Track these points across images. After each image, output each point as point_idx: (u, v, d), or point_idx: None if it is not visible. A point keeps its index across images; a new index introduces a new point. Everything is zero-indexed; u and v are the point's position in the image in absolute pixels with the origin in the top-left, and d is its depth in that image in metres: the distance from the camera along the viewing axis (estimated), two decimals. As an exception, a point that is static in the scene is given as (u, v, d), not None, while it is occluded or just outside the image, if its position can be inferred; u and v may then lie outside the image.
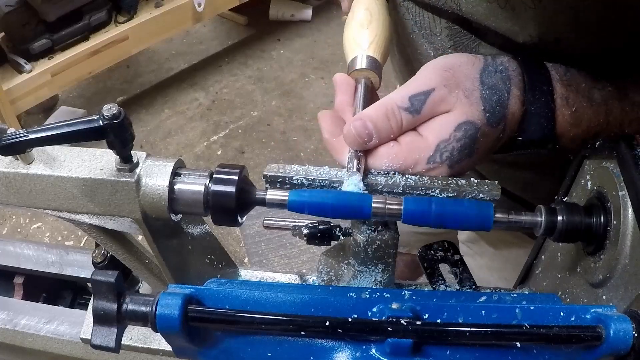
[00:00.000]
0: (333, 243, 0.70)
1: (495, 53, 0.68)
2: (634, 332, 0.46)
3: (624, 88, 0.63)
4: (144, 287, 0.86)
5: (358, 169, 0.58)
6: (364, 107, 0.63)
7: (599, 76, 0.63)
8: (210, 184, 0.57)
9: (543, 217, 0.58)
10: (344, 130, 0.60)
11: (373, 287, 0.65)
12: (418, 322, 0.48)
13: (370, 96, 0.68)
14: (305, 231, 0.70)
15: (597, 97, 0.62)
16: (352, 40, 0.72)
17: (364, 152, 0.60)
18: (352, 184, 0.57)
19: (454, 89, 0.60)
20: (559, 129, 0.62)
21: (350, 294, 0.53)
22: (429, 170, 0.59)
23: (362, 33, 0.72)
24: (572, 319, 0.49)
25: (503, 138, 0.62)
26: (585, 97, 0.62)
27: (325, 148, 0.65)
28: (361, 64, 0.69)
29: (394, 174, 0.60)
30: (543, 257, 0.73)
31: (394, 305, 0.50)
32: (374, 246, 0.63)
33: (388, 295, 0.52)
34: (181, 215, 0.62)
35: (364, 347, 0.50)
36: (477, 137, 0.59)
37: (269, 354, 0.51)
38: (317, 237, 0.69)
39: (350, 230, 0.65)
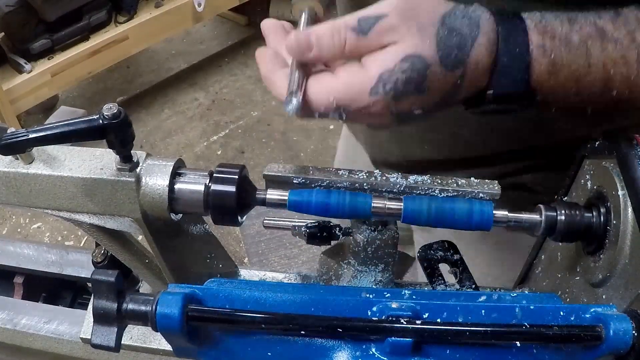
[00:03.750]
0: (333, 243, 0.71)
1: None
2: (633, 332, 0.46)
3: (602, 26, 0.60)
4: (144, 287, 0.86)
5: (300, 88, 0.57)
6: None
7: (575, 16, 0.61)
8: (210, 184, 0.57)
9: (543, 216, 0.58)
10: (286, 41, 0.59)
11: (373, 286, 0.65)
12: (418, 322, 0.48)
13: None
14: (305, 231, 0.70)
15: (575, 40, 0.60)
16: None
17: (307, 76, 0.59)
18: (292, 103, 0.55)
19: (408, 20, 0.57)
20: (535, 81, 0.60)
21: (350, 293, 0.53)
22: (373, 103, 0.57)
23: None
24: (572, 318, 0.49)
25: (464, 86, 0.60)
26: (563, 41, 0.60)
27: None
28: None
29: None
30: (543, 256, 0.73)
31: (394, 305, 0.50)
32: (373, 246, 0.63)
33: (388, 294, 0.52)
34: (181, 215, 0.62)
35: (363, 347, 0.50)
36: (425, 74, 0.57)
37: (269, 354, 0.51)
38: (317, 236, 0.69)
39: (350, 230, 0.65)
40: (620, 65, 0.60)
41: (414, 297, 0.52)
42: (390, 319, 0.48)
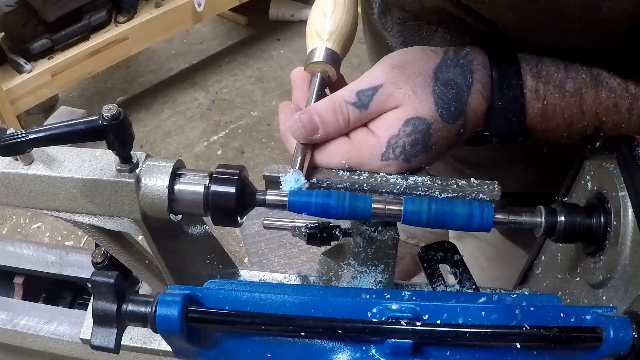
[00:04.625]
0: (333, 243, 0.70)
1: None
2: (634, 333, 0.46)
3: (598, 74, 0.61)
4: (144, 288, 0.86)
5: (301, 165, 0.59)
6: (316, 101, 0.63)
7: (572, 63, 0.61)
8: (210, 185, 0.57)
9: (543, 217, 0.58)
10: (289, 122, 0.60)
11: (373, 287, 0.65)
12: (418, 323, 0.48)
13: (331, 89, 0.67)
14: (305, 231, 0.70)
15: (570, 87, 0.61)
16: (312, 31, 0.71)
17: (313, 147, 0.60)
18: (292, 180, 0.57)
19: (402, 85, 0.59)
20: (529, 123, 0.61)
21: (350, 294, 0.53)
22: (385, 166, 0.59)
23: (323, 23, 0.70)
24: (572, 319, 0.49)
25: (465, 133, 0.61)
26: (557, 88, 0.61)
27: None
28: (318, 57, 0.68)
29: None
30: (543, 257, 0.73)
31: (394, 306, 0.50)
32: (373, 246, 0.63)
33: (388, 295, 0.52)
34: (181, 215, 0.62)
35: (363, 348, 0.50)
36: (429, 133, 0.59)
37: (269, 355, 0.51)
38: (317, 237, 0.69)
39: (350, 231, 0.65)
40: (612, 113, 0.61)
41: (414, 298, 0.52)
42: (390, 320, 0.48)
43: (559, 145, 0.64)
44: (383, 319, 0.49)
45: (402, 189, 0.59)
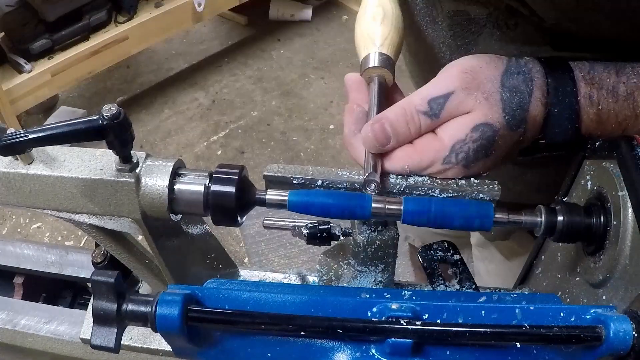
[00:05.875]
0: (333, 243, 0.70)
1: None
2: (633, 333, 0.46)
3: None
4: (144, 287, 0.86)
5: (375, 170, 0.58)
6: (378, 106, 0.63)
7: (623, 67, 0.62)
8: (210, 184, 0.57)
9: (543, 217, 0.58)
10: (362, 133, 0.60)
11: (373, 287, 0.65)
12: (418, 323, 0.48)
13: (386, 94, 0.67)
14: (305, 231, 0.70)
15: (623, 92, 0.61)
16: (365, 37, 0.71)
17: (381, 154, 0.60)
18: (371, 187, 0.57)
19: (474, 91, 0.59)
20: (584, 129, 0.62)
21: (350, 294, 0.53)
22: (444, 170, 0.59)
23: (374, 30, 0.70)
24: (572, 319, 0.49)
25: (524, 141, 0.62)
26: (610, 92, 0.61)
27: (345, 145, 0.65)
28: (374, 62, 0.67)
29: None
30: (543, 257, 0.73)
31: (394, 306, 0.50)
32: (373, 246, 0.63)
33: (388, 295, 0.52)
34: (181, 215, 0.62)
35: (363, 348, 0.50)
36: (494, 139, 0.59)
37: (269, 354, 0.51)
38: (317, 237, 0.69)
39: (350, 231, 0.65)
40: None
41: (414, 297, 0.52)
42: (390, 319, 0.48)
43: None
44: (383, 318, 0.49)
45: (402, 189, 0.59)
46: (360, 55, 0.70)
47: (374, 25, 0.70)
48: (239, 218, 0.58)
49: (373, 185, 0.57)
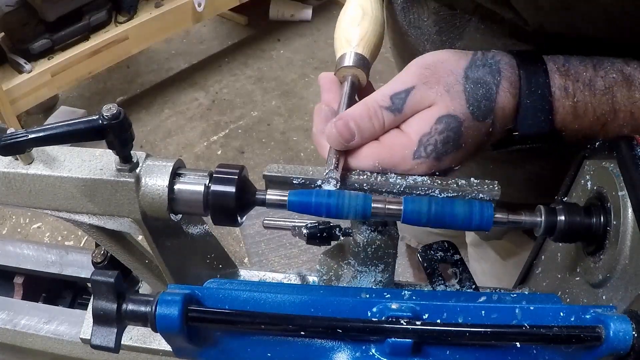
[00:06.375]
0: (333, 243, 0.70)
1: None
2: (633, 333, 0.46)
3: (630, 74, 0.61)
4: (144, 287, 0.86)
5: (336, 167, 0.59)
6: (347, 106, 0.64)
7: (601, 62, 0.62)
8: (210, 184, 0.57)
9: (543, 217, 0.58)
10: (326, 130, 0.61)
11: (373, 287, 0.65)
12: (418, 323, 0.48)
13: (358, 94, 0.68)
14: (305, 231, 0.70)
15: (600, 86, 0.61)
16: (342, 37, 0.72)
17: (345, 151, 0.61)
18: (329, 183, 0.58)
19: (434, 85, 0.60)
20: (559, 122, 0.62)
21: (350, 294, 0.53)
22: (417, 165, 0.59)
23: (352, 30, 0.71)
24: (572, 319, 0.49)
25: (495, 132, 0.62)
26: (587, 86, 0.61)
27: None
28: (348, 61, 0.69)
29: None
30: (543, 257, 0.73)
31: (394, 306, 0.50)
32: (373, 246, 0.63)
33: (388, 295, 0.52)
34: (181, 215, 0.62)
35: (363, 348, 0.50)
36: (461, 130, 0.59)
37: (269, 354, 0.51)
38: (317, 237, 0.69)
39: (350, 230, 0.65)
40: None
41: (413, 297, 0.52)
42: (390, 319, 0.48)
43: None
44: (383, 318, 0.49)
45: (402, 189, 0.59)
46: (336, 55, 0.71)
47: (352, 25, 0.72)
48: (239, 218, 0.58)
49: (333, 182, 0.57)
